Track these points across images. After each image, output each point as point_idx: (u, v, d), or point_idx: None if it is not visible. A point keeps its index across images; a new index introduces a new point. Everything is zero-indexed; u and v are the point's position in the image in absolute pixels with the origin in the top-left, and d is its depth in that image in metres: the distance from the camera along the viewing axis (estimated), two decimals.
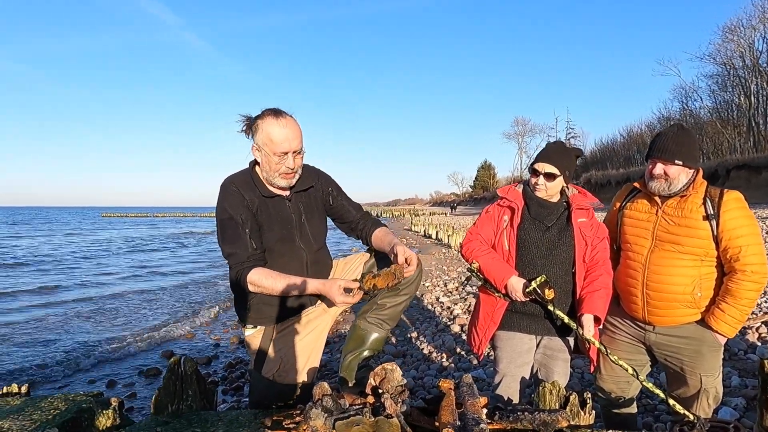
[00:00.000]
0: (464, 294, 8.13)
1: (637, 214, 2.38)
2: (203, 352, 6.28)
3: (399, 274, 2.12)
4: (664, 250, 2.26)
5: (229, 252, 2.18)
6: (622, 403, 2.53)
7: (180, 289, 11.52)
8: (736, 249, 2.13)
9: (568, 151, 2.39)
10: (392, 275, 2.09)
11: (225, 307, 9.24)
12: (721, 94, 47.95)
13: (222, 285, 11.95)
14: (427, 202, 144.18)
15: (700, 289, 2.22)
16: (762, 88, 42.65)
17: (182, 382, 2.20)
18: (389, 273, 2.09)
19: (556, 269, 2.36)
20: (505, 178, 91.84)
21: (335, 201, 2.49)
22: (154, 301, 10.12)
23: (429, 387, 4.09)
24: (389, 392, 1.75)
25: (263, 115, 2.17)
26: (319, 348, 2.32)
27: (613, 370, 2.45)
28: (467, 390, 1.82)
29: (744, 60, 44.21)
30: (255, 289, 2.14)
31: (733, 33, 44.63)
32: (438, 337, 5.62)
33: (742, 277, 2.12)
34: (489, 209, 2.55)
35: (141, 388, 4.97)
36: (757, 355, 4.24)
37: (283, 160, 2.16)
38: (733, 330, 2.19)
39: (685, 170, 2.21)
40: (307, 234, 2.31)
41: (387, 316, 2.38)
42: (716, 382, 2.30)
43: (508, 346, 2.45)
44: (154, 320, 8.22)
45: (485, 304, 2.50)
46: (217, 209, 2.22)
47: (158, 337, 7.02)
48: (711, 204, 2.18)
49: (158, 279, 13.46)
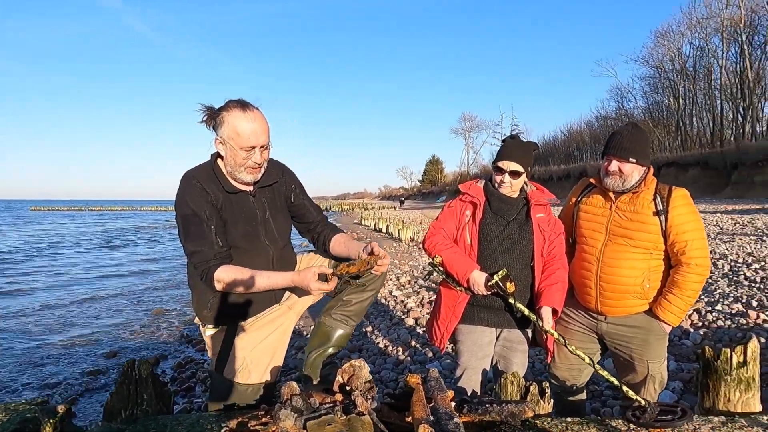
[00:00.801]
0: (416, 287, 8.22)
1: (592, 209, 2.48)
2: (150, 351, 6.01)
3: (373, 262, 2.11)
4: (617, 244, 2.37)
5: (193, 250, 2.09)
6: (574, 390, 2.63)
7: (124, 287, 10.96)
8: (683, 243, 2.26)
9: (528, 148, 2.46)
10: (365, 263, 2.09)
11: (172, 304, 8.89)
12: (653, 96, 51.08)
13: (169, 281, 11.49)
14: (376, 196, 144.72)
15: (649, 281, 2.35)
16: (689, 90, 45.63)
17: (137, 386, 2.10)
18: (363, 261, 2.09)
19: (516, 263, 2.42)
20: (453, 173, 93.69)
21: (297, 199, 2.43)
22: (97, 299, 9.58)
23: (387, 381, 4.12)
24: (359, 389, 1.73)
25: (229, 107, 2.08)
26: (283, 347, 2.27)
27: (567, 358, 2.55)
28: (435, 384, 1.83)
29: (673, 64, 47.14)
30: (223, 287, 2.07)
31: (664, 38, 47.53)
32: (393, 331, 5.66)
33: (687, 269, 2.26)
34: (451, 204, 2.58)
35: (83, 391, 4.70)
36: (690, 341, 4.55)
37: (250, 155, 2.09)
38: (678, 319, 2.33)
39: (638, 167, 2.32)
40: (272, 230, 2.25)
41: (353, 312, 2.36)
42: (662, 368, 2.44)
43: (470, 339, 2.50)
44: (97, 319, 7.79)
45: (447, 298, 2.53)
46: (178, 205, 2.12)
47: (100, 337, 6.65)
48: (660, 200, 2.30)
49: (101, 276, 12.75)
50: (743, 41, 39.98)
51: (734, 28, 40.53)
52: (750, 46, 40.07)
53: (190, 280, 2.27)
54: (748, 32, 39.91)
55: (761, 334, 4.49)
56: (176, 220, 2.14)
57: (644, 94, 51.98)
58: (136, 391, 2.08)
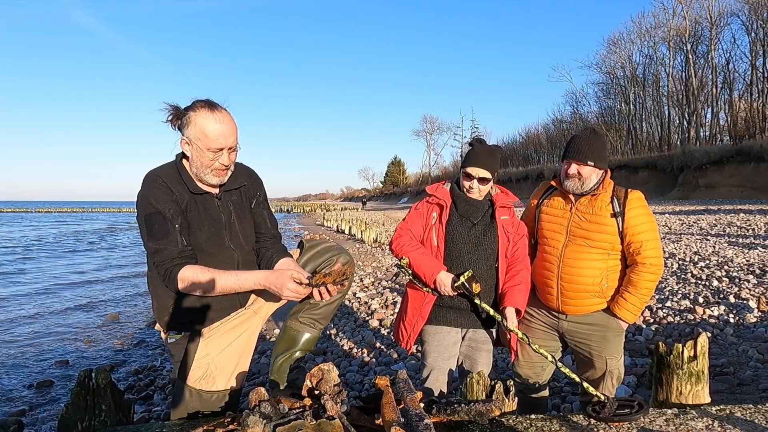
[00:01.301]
0: (380, 289, 8.24)
1: (553, 211, 2.56)
2: (105, 359, 5.78)
3: (350, 273, 2.11)
4: (577, 245, 2.46)
5: (156, 248, 2.00)
6: (537, 388, 2.71)
7: (75, 291, 10.48)
8: (638, 244, 2.37)
9: (494, 153, 2.51)
10: (341, 273, 2.08)
11: (128, 309, 8.58)
12: (606, 101, 53.16)
13: (124, 286, 11.06)
14: (338, 197, 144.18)
15: (607, 281, 2.44)
16: (639, 96, 47.70)
17: (94, 396, 2.01)
18: (339, 271, 2.08)
19: (481, 264, 2.47)
20: (415, 174, 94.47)
21: (257, 207, 2.37)
22: (47, 305, 9.12)
23: (352, 383, 4.11)
24: (328, 393, 1.72)
25: (196, 107, 2.03)
26: (249, 352, 2.22)
27: (530, 356, 2.62)
28: (404, 386, 1.84)
29: (624, 70, 49.19)
30: (186, 287, 1.99)
31: (615, 45, 49.54)
32: (357, 333, 5.65)
33: (643, 269, 2.36)
34: (418, 206, 2.61)
35: (32, 404, 4.45)
36: (643, 337, 4.75)
37: (217, 157, 2.04)
38: (634, 316, 2.43)
39: (596, 171, 2.41)
40: (237, 234, 2.20)
41: (320, 315, 2.34)
42: (619, 364, 2.54)
43: (436, 340, 2.53)
44: (47, 327, 7.41)
45: (413, 299, 2.55)
46: (141, 203, 2.04)
47: (51, 346, 6.34)
48: (617, 203, 2.40)
49: (50, 280, 12.14)
50: (688, 50, 42.18)
51: (680, 37, 42.72)
52: (694, 55, 42.32)
53: (150, 285, 2.20)
54: (693, 42, 42.15)
55: (707, 329, 4.75)
56: (138, 220, 2.06)
57: (597, 99, 54.12)
58: (94, 401, 2.00)
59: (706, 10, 40.77)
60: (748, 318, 4.98)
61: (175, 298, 2.09)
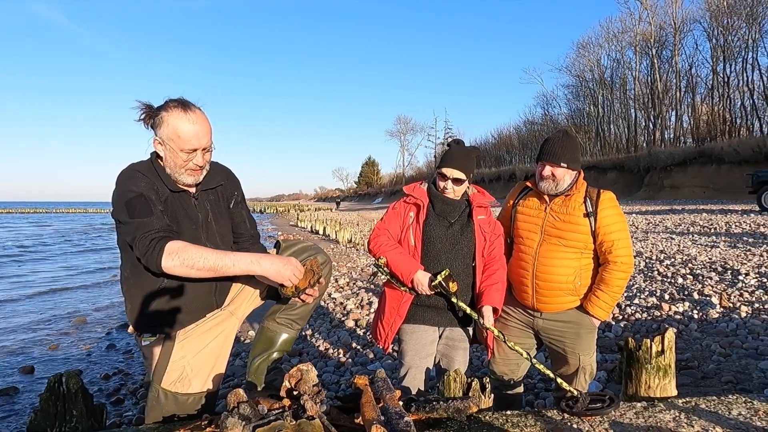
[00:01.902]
0: (356, 289, 8.24)
1: (528, 211, 2.61)
2: (72, 364, 5.60)
3: (317, 268, 2.09)
4: (551, 244, 2.52)
5: (139, 223, 1.89)
6: (512, 384, 2.76)
7: (40, 295, 10.12)
8: (610, 243, 2.44)
9: (470, 154, 2.54)
10: (311, 272, 2.06)
11: (95, 312, 8.34)
12: (575, 103, 54.32)
13: (92, 289, 10.75)
14: (312, 198, 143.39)
15: (580, 279, 2.51)
16: (607, 99, 48.92)
17: (65, 402, 1.96)
18: (308, 270, 2.05)
19: (458, 263, 2.50)
20: (389, 174, 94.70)
21: (236, 207, 2.34)
22: (8, 306, 8.79)
23: (328, 384, 4.10)
24: (307, 393, 1.72)
25: (168, 107, 1.99)
26: (226, 354, 2.20)
27: (506, 354, 2.67)
28: (383, 384, 1.86)
29: (593, 74, 50.37)
30: (173, 261, 1.86)
31: (584, 49, 50.68)
32: (333, 333, 5.64)
33: (614, 267, 2.44)
34: (396, 206, 2.63)
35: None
36: (612, 333, 4.88)
37: (191, 157, 2.01)
38: (606, 313, 2.51)
39: (569, 172, 2.48)
40: (214, 234, 2.17)
41: (297, 315, 2.33)
42: (591, 360, 2.61)
43: (413, 339, 2.55)
44: (8, 331, 7.13)
45: (391, 298, 2.57)
46: (120, 192, 1.96)
47: (13, 351, 6.11)
48: (590, 203, 2.47)
49: (13, 284, 11.70)
50: (653, 55, 43.48)
51: (646, 42, 44.01)
52: (659, 60, 43.67)
53: (123, 285, 2.15)
54: (658, 47, 43.49)
55: (673, 325, 4.91)
56: (116, 210, 1.97)
57: (567, 101, 55.29)
58: (65, 407, 1.95)
59: (670, 17, 42.17)
60: (711, 314, 5.17)
61: (149, 299, 2.05)
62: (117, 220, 2.00)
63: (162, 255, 1.86)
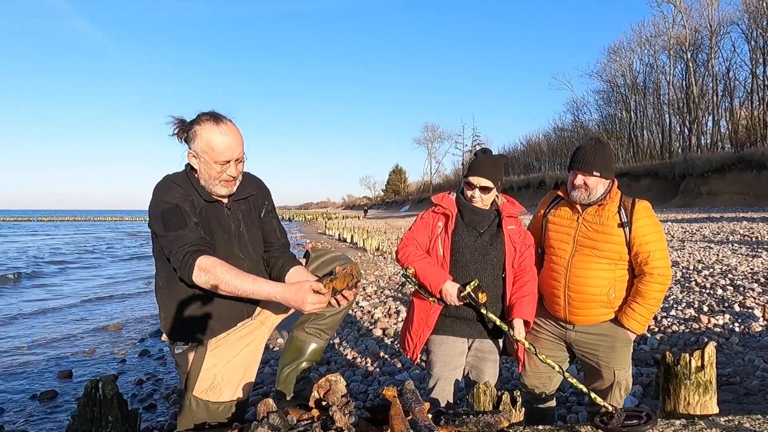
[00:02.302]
0: (383, 297, 8.23)
1: (560, 221, 2.56)
2: (107, 369, 5.76)
3: (356, 273, 2.08)
4: (584, 255, 2.46)
5: (174, 236, 1.96)
6: (544, 398, 2.69)
7: (78, 302, 10.46)
8: (646, 254, 2.36)
9: (498, 162, 2.51)
10: (350, 275, 2.05)
11: (131, 319, 8.57)
12: (607, 109, 53.23)
13: (130, 297, 11.05)
14: (340, 206, 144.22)
15: (614, 291, 2.44)
16: (640, 104, 47.79)
17: (101, 407, 2.01)
18: (346, 273, 2.04)
19: (488, 274, 2.47)
20: (416, 183, 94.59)
21: (266, 216, 2.38)
22: (48, 314, 9.11)
23: (356, 393, 4.09)
24: (336, 404, 1.72)
25: (201, 121, 2.05)
26: (255, 363, 2.22)
27: (537, 367, 2.61)
28: (412, 396, 1.84)
29: (625, 79, 49.32)
30: (202, 277, 1.92)
31: (616, 54, 49.72)
32: (361, 342, 5.64)
33: (650, 279, 2.36)
34: (424, 215, 2.62)
35: (36, 415, 4.44)
36: (648, 346, 4.73)
37: (225, 169, 2.06)
38: (642, 327, 2.43)
39: (602, 181, 2.42)
40: (246, 243, 2.21)
41: (326, 325, 2.34)
42: (627, 375, 2.53)
43: (442, 350, 2.52)
44: (49, 337, 7.39)
45: (419, 309, 2.55)
46: (156, 203, 2.03)
47: (53, 356, 6.32)
48: (625, 212, 2.40)
49: (52, 291, 12.14)
50: (688, 59, 42.32)
51: (680, 46, 42.89)
52: (694, 63, 42.45)
53: (158, 294, 2.20)
54: (693, 50, 42.31)
55: (712, 338, 4.73)
56: (152, 220, 2.04)
57: (598, 107, 54.22)
58: (101, 412, 2.00)
59: (706, 19, 40.99)
60: (754, 327, 4.95)
61: (182, 308, 2.09)
62: (153, 232, 2.07)
63: (193, 270, 1.92)
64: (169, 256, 1.99)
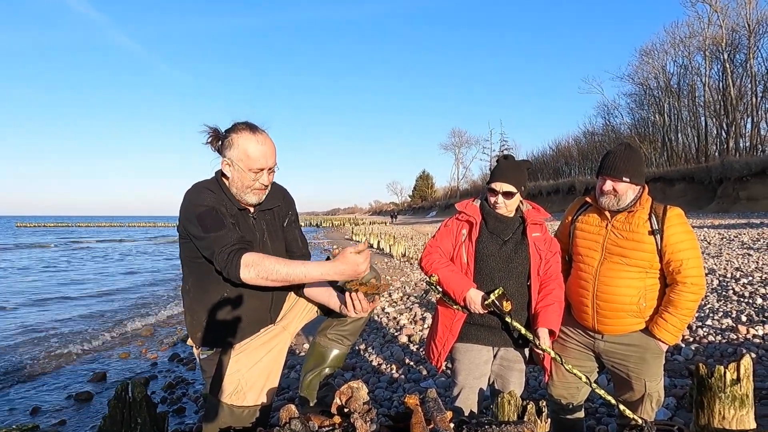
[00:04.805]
0: (409, 304, 8.20)
1: (588, 228, 2.51)
2: (139, 372, 5.91)
3: (382, 289, 2.13)
4: (613, 263, 2.40)
5: (215, 236, 1.97)
6: (571, 409, 2.63)
7: (110, 305, 10.79)
8: (678, 262, 2.29)
9: (521, 167, 2.49)
10: (375, 287, 2.10)
11: (161, 323, 8.77)
12: (639, 112, 51.92)
13: (161, 301, 11.32)
14: (367, 211, 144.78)
15: (645, 300, 2.37)
16: (674, 107, 46.47)
17: (130, 410, 2.07)
18: (374, 285, 2.11)
19: (512, 282, 2.43)
20: (443, 188, 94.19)
21: (289, 226, 2.41)
22: (83, 318, 9.41)
23: (381, 400, 4.08)
24: (357, 411, 1.72)
25: (237, 130, 2.10)
26: (279, 368, 2.24)
27: (565, 377, 2.55)
28: (434, 405, 1.82)
29: (658, 81, 48.06)
30: (250, 271, 1.93)
31: (648, 56, 48.51)
32: (386, 349, 5.62)
33: (683, 288, 2.28)
34: (448, 223, 2.60)
35: (71, 415, 4.58)
36: (682, 356, 4.57)
37: (258, 177, 2.11)
38: (675, 338, 2.35)
39: (632, 187, 2.36)
40: (269, 253, 2.24)
41: (348, 331, 2.35)
42: (659, 387, 2.45)
43: (467, 358, 2.50)
44: (82, 339, 7.64)
45: (443, 316, 2.54)
46: (190, 206, 2.06)
47: (87, 359, 6.53)
48: (656, 219, 2.33)
49: (86, 295, 12.54)
50: (725, 59, 40.95)
51: (716, 46, 41.55)
52: (732, 64, 41.03)
53: (185, 299, 2.25)
54: (730, 51, 40.94)
55: (751, 349, 4.54)
56: (188, 225, 2.07)
57: (630, 110, 52.88)
58: (130, 414, 2.06)
59: (744, 18, 39.61)
60: None
61: (208, 314, 2.13)
62: (190, 235, 2.09)
63: (240, 267, 1.94)
64: (211, 258, 2.02)
